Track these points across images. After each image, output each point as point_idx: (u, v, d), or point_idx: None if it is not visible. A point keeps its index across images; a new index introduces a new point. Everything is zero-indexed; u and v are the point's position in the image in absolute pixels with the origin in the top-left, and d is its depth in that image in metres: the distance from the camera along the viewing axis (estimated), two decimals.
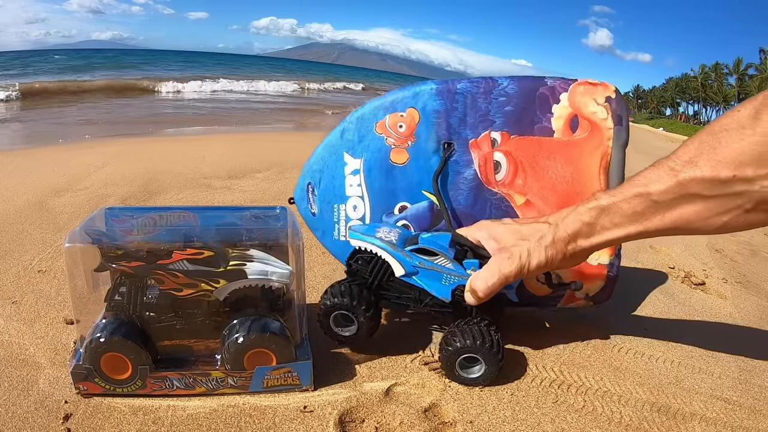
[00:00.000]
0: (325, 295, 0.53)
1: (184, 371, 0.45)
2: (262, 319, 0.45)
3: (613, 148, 0.58)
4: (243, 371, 0.45)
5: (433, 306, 0.54)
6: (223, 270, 0.43)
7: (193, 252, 0.42)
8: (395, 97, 0.62)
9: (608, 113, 0.58)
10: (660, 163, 0.42)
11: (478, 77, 0.61)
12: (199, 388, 0.46)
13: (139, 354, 0.43)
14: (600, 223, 0.45)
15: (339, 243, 0.66)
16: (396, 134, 0.62)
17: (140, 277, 0.43)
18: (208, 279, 0.43)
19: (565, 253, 0.47)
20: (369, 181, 0.63)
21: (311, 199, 0.66)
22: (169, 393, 0.46)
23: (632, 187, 0.43)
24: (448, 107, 0.61)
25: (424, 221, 0.63)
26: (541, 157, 0.60)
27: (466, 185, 0.62)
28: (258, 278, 0.44)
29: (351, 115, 0.64)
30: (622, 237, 0.45)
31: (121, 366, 0.44)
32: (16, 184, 1.19)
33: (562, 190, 0.60)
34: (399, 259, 0.52)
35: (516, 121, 0.60)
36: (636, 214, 0.43)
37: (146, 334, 0.45)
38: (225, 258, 0.43)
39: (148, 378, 0.45)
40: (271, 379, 0.46)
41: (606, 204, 0.44)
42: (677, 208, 0.41)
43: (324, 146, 0.65)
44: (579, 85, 0.59)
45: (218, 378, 0.46)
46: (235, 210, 0.52)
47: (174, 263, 0.42)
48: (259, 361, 0.45)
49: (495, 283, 0.47)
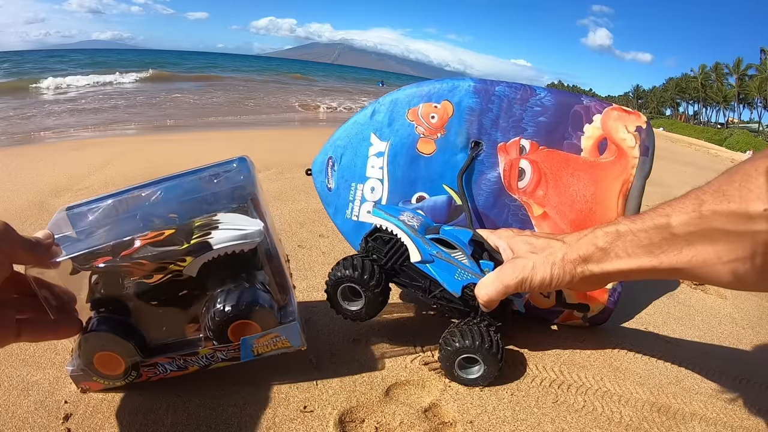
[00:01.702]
0: (335, 267, 0.53)
1: (173, 354, 0.44)
2: (238, 288, 0.43)
3: (636, 177, 0.58)
4: (230, 344, 0.44)
5: (441, 299, 0.54)
6: (186, 247, 0.40)
7: (154, 235, 0.40)
8: (431, 88, 0.63)
9: (636, 142, 0.58)
10: (691, 191, 0.38)
11: (517, 83, 0.61)
12: (191, 367, 0.45)
13: (126, 347, 0.43)
14: (614, 250, 0.42)
15: (350, 222, 0.67)
16: (427, 124, 0.62)
17: (112, 272, 0.41)
18: (173, 259, 0.40)
19: (573, 274, 0.45)
20: (392, 166, 0.64)
21: (330, 173, 0.66)
22: (165, 377, 0.45)
23: (655, 216, 0.39)
24: (483, 107, 0.61)
25: (440, 215, 0.64)
26: (565, 172, 0.60)
27: (488, 187, 0.62)
28: (224, 246, 0.41)
29: (384, 97, 0.65)
30: (634, 269, 0.41)
31: (113, 362, 0.43)
32: (16, 184, 1.19)
33: (579, 209, 0.60)
34: (418, 245, 0.52)
35: (547, 133, 0.60)
36: (652, 245, 0.39)
37: (131, 326, 0.44)
38: (189, 232, 0.41)
39: (142, 368, 0.44)
40: (260, 347, 0.45)
41: (624, 230, 0.41)
42: (696, 245, 0.36)
43: (351, 123, 0.65)
44: (613, 110, 0.59)
45: (207, 355, 0.45)
46: (192, 174, 0.47)
47: (137, 252, 0.40)
48: (243, 332, 0.44)
49: (495, 291, 0.47)
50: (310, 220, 1.02)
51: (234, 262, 0.43)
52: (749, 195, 0.32)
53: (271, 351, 0.46)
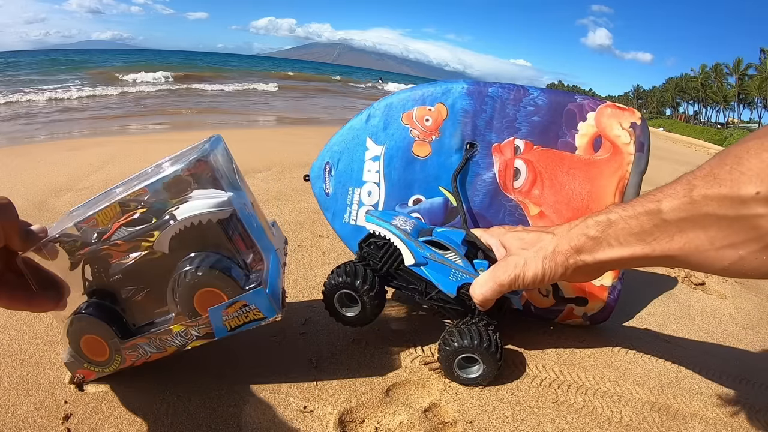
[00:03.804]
0: (331, 274, 0.53)
1: (149, 335, 0.43)
2: (198, 257, 0.42)
3: (631, 174, 0.58)
4: (199, 317, 0.42)
5: (437, 300, 0.54)
6: (154, 222, 0.40)
7: (128, 215, 0.40)
8: (425, 91, 0.63)
9: (631, 138, 0.58)
10: (682, 176, 0.37)
11: (510, 84, 0.62)
12: (169, 348, 0.44)
13: (105, 329, 0.42)
14: (606, 239, 0.41)
15: (348, 227, 0.67)
16: (421, 127, 0.63)
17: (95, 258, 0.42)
18: (144, 237, 0.41)
19: (566, 266, 0.44)
20: (388, 169, 0.64)
21: (327, 178, 0.67)
22: (147, 361, 0.45)
23: (645, 202, 0.38)
24: (477, 108, 0.61)
25: (437, 217, 0.64)
26: (560, 171, 0.60)
27: (483, 188, 0.62)
28: (188, 216, 0.40)
29: (379, 101, 0.65)
30: (627, 257, 0.40)
31: (98, 346, 0.44)
32: (16, 184, 1.19)
33: (576, 207, 0.60)
34: (411, 249, 0.52)
35: (541, 132, 0.60)
36: (644, 232, 0.38)
37: (112, 309, 0.43)
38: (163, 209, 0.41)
39: (123, 351, 0.44)
40: (230, 319, 0.43)
41: (615, 218, 0.40)
42: (688, 231, 0.35)
43: (347, 129, 0.66)
44: (607, 107, 0.59)
45: (180, 332, 0.43)
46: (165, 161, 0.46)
47: (114, 234, 0.40)
48: (209, 302, 0.42)
49: (489, 290, 0.47)
50: (310, 220, 1.02)
51: (201, 235, 0.41)
52: (741, 178, 0.31)
53: (245, 324, 0.43)
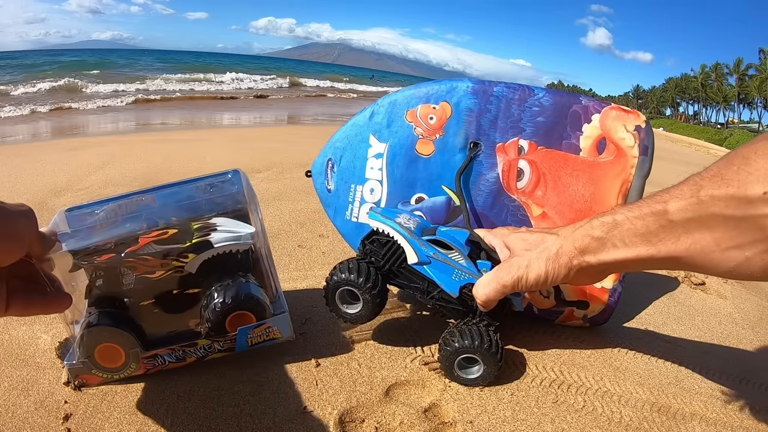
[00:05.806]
0: (333, 271, 0.53)
1: (173, 346, 0.47)
2: (235, 283, 0.47)
3: (635, 177, 0.58)
4: (226, 335, 0.48)
5: (439, 300, 0.54)
6: (189, 244, 0.44)
7: (158, 233, 0.43)
8: (430, 89, 0.63)
9: (635, 141, 0.58)
10: (689, 178, 0.36)
11: (516, 83, 0.61)
12: (189, 358, 0.48)
13: (128, 339, 0.45)
14: (611, 239, 0.41)
15: (350, 224, 0.67)
16: (425, 125, 0.62)
17: (114, 267, 0.44)
18: (177, 256, 0.44)
19: (570, 268, 0.44)
20: (391, 167, 0.64)
21: (329, 175, 0.67)
22: (163, 369, 0.48)
23: (652, 203, 0.38)
24: (482, 108, 0.61)
25: (439, 216, 0.64)
26: (564, 172, 0.60)
27: (487, 187, 0.62)
28: (223, 245, 0.46)
29: (383, 99, 0.65)
30: (632, 258, 0.40)
31: (114, 354, 0.45)
32: (16, 184, 1.20)
33: (579, 208, 0.60)
34: (414, 247, 0.52)
35: (546, 133, 0.60)
36: (649, 233, 0.38)
37: (131, 319, 0.46)
38: (189, 232, 0.44)
39: (141, 360, 0.46)
40: (254, 337, 0.49)
41: (621, 219, 0.40)
42: (694, 232, 0.35)
43: (350, 125, 0.65)
44: (612, 109, 0.59)
45: (205, 345, 0.48)
46: (189, 182, 0.52)
47: (142, 248, 0.43)
48: (239, 323, 0.48)
49: (492, 291, 0.47)
50: (310, 220, 1.02)
51: (228, 261, 0.47)
52: (748, 178, 0.31)
53: (263, 341, 0.50)
